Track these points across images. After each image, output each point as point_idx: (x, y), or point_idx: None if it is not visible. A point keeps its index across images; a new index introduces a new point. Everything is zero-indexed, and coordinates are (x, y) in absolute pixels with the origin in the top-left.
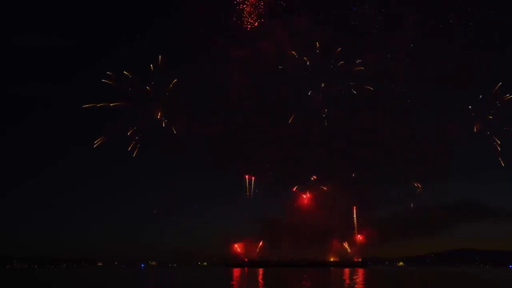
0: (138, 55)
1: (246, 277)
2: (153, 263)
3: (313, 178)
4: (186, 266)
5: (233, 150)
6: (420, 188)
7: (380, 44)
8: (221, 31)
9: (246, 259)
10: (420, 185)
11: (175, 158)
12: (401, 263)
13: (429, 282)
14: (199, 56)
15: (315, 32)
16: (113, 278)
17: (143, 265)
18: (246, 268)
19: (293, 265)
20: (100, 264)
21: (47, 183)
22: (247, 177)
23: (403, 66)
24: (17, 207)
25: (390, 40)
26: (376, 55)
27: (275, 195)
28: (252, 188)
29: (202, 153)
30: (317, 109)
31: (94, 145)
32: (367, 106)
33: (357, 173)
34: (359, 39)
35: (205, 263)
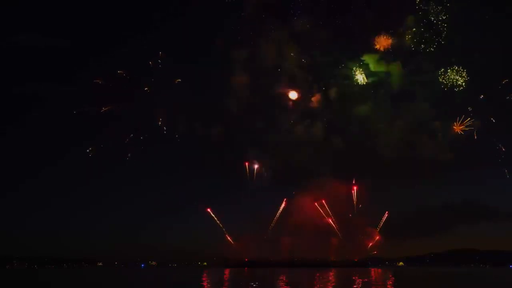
0: (138, 55)
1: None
2: (153, 263)
3: (313, 178)
4: (186, 266)
5: (233, 150)
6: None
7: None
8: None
9: (246, 259)
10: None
11: (175, 158)
12: (401, 263)
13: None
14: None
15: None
16: (113, 278)
17: (143, 265)
18: (246, 268)
19: (293, 265)
20: (100, 264)
21: (47, 183)
22: (247, 164)
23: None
24: (17, 207)
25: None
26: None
27: (275, 195)
28: (254, 177)
29: (203, 153)
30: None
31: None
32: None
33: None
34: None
35: (205, 263)
